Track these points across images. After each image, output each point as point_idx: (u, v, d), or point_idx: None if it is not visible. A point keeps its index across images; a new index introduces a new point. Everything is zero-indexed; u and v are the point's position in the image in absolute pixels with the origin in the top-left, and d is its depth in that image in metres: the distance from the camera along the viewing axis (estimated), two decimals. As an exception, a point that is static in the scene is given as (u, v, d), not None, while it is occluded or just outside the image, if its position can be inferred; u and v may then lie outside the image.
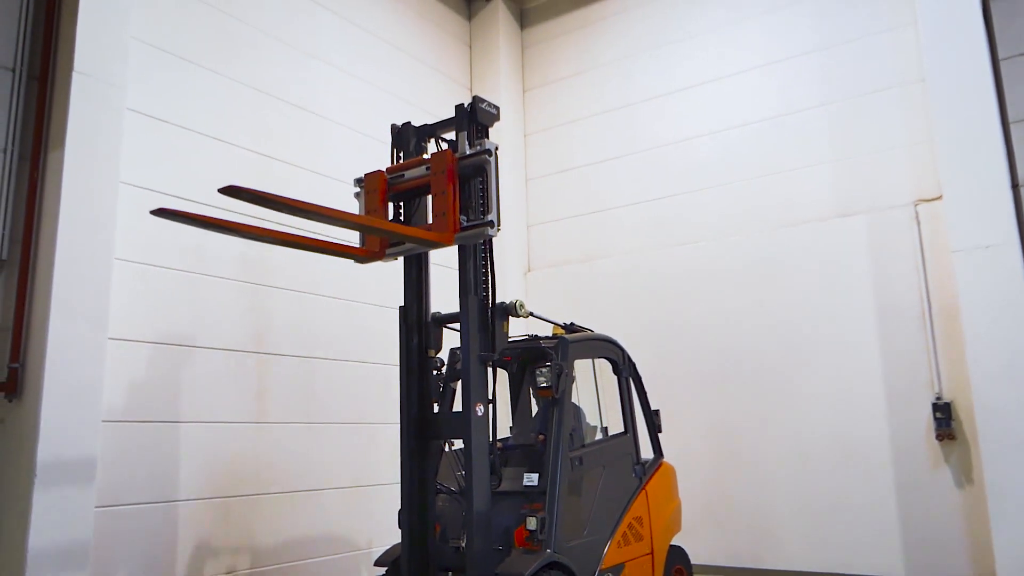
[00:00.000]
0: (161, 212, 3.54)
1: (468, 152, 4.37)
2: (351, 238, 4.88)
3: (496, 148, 4.34)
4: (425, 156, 4.66)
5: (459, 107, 4.52)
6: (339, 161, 7.20)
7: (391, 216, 4.70)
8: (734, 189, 7.78)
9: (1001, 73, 6.28)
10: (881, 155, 7.01)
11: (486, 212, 4.27)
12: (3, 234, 4.90)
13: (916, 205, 6.73)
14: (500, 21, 9.27)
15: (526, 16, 9.73)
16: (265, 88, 6.58)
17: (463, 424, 4.24)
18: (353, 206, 7.29)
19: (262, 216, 6.07)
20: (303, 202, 3.49)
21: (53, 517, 4.55)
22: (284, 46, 6.85)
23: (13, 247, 4.94)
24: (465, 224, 4.25)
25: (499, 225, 4.26)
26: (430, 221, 4.38)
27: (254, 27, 6.59)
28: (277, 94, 6.70)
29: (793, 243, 7.32)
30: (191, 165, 5.92)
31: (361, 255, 4.52)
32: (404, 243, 4.43)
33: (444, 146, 4.57)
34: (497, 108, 4.57)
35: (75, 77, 5.00)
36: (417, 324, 4.63)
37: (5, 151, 4.97)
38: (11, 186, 4.96)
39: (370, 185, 4.57)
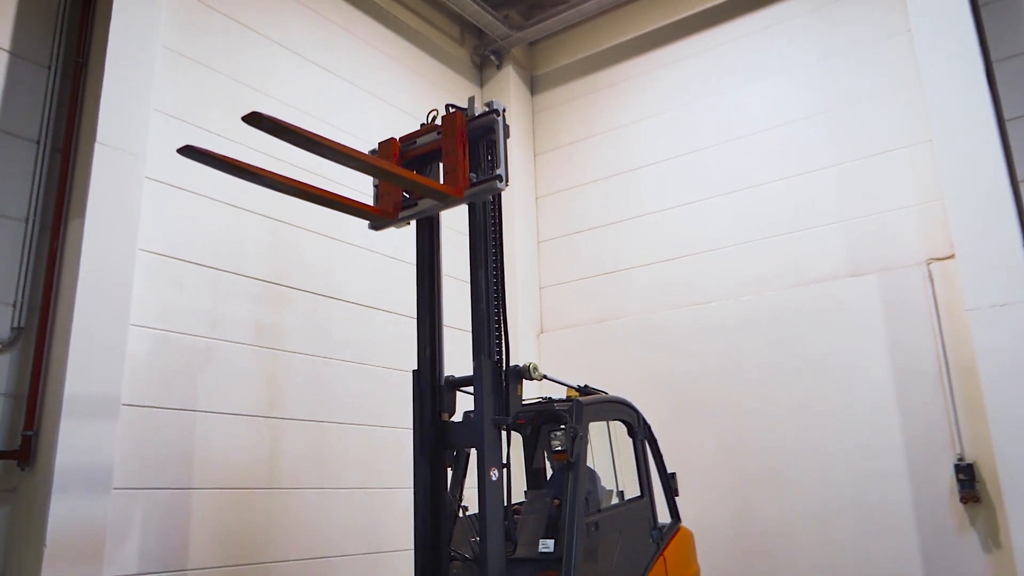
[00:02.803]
0: (187, 150, 3.56)
1: (477, 114, 4.51)
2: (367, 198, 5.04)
3: (504, 109, 4.47)
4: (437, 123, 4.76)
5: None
6: (352, 224, 7.28)
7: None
8: (745, 249, 7.80)
9: (1008, 133, 6.35)
10: (892, 215, 7.04)
11: (495, 167, 4.36)
12: (22, 302, 4.97)
13: (929, 264, 6.73)
14: (511, 88, 9.47)
15: (536, 83, 9.94)
16: (280, 156, 6.70)
17: (475, 434, 4.21)
18: (369, 287, 7.36)
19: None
20: (321, 136, 3.59)
21: (63, 587, 4.50)
22: (300, 114, 7.00)
23: (31, 315, 5.00)
24: (475, 180, 4.36)
25: (507, 180, 4.35)
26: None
27: (270, 96, 6.76)
28: (292, 161, 6.81)
29: (806, 303, 7.30)
30: (207, 231, 6.01)
31: (375, 214, 4.60)
32: (416, 205, 4.57)
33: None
34: (507, 126, 4.64)
35: (97, 148, 5.13)
36: (430, 387, 4.61)
37: (27, 221, 5.07)
38: (31, 255, 5.05)
39: (383, 152, 4.73)
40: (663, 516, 5.62)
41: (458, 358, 5.28)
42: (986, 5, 6.73)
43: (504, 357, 4.43)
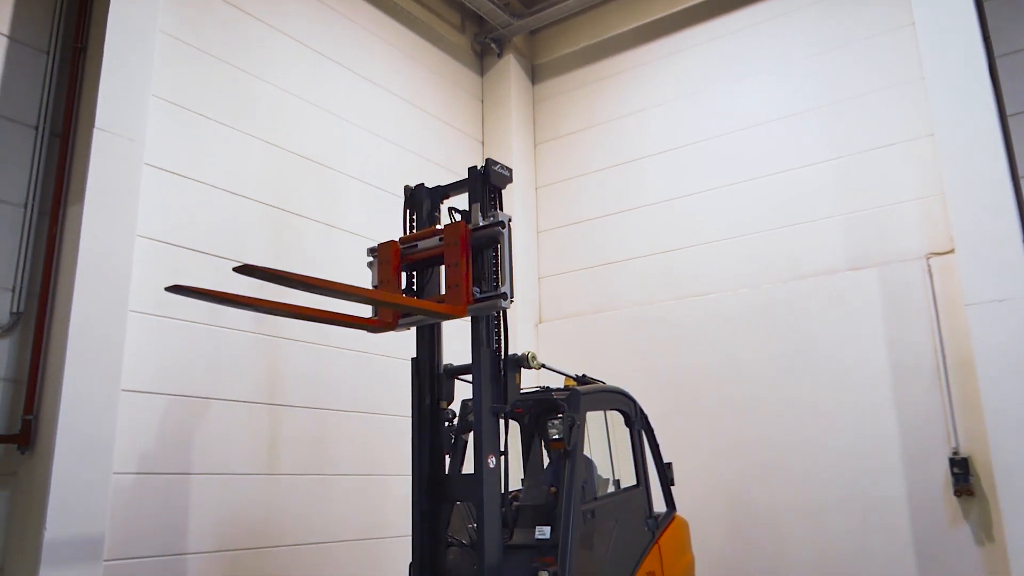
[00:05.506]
0: (176, 289, 3.60)
1: (481, 224, 4.40)
2: (364, 309, 5.00)
3: (509, 220, 4.35)
4: (438, 227, 4.68)
5: (472, 170, 4.58)
6: (352, 213, 7.29)
7: (404, 285, 4.69)
8: (744, 242, 7.81)
9: (1009, 129, 6.34)
10: (892, 208, 7.04)
11: (499, 284, 4.28)
12: (21, 287, 4.97)
13: (928, 258, 6.73)
14: (512, 77, 9.45)
15: (537, 72, 9.92)
16: (280, 143, 6.71)
17: (475, 485, 4.20)
18: (366, 274, 7.36)
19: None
20: (316, 279, 3.54)
21: (62, 571, 4.52)
22: (300, 102, 6.99)
23: (30, 300, 5.00)
24: (478, 296, 4.26)
25: (512, 297, 4.26)
26: (443, 291, 4.39)
27: (270, 83, 6.74)
28: (292, 148, 6.82)
29: (805, 296, 7.31)
30: (206, 218, 6.01)
31: (374, 326, 4.53)
32: (417, 314, 4.43)
33: (457, 217, 4.61)
34: (510, 170, 4.61)
35: (96, 133, 5.11)
36: (429, 376, 4.64)
37: (26, 206, 5.06)
38: (30, 241, 5.04)
39: (383, 255, 4.58)
40: (659, 505, 5.65)
41: (457, 347, 5.29)
42: (990, 1, 6.71)
43: (503, 346, 4.46)
